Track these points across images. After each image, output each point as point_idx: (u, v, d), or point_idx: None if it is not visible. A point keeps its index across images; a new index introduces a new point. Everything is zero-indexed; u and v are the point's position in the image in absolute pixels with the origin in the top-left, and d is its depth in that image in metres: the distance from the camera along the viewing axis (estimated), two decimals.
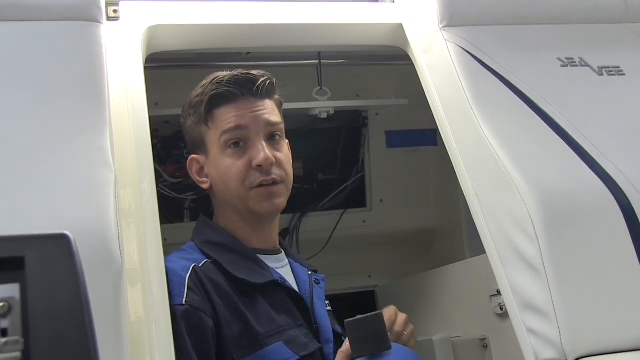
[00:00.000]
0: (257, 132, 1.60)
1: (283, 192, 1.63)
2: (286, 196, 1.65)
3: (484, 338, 2.22)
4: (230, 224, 1.66)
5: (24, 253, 0.71)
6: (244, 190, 1.59)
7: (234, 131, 1.59)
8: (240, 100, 1.61)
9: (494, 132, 1.56)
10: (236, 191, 1.60)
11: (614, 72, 1.75)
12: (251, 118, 1.60)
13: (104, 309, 1.13)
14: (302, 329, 1.56)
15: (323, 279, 1.74)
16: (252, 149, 1.59)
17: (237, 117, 1.60)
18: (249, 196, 1.59)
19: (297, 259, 1.76)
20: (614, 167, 1.50)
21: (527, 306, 1.38)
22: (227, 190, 1.62)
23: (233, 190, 1.60)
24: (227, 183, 1.61)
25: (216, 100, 1.61)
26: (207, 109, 1.62)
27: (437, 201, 2.92)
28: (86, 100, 1.43)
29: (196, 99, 1.65)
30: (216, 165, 1.63)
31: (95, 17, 1.56)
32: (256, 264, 1.60)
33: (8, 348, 0.67)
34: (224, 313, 1.46)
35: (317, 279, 1.72)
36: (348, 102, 2.65)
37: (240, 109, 1.61)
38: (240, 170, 1.59)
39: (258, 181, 1.58)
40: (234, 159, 1.60)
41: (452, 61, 1.70)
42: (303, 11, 1.90)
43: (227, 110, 1.61)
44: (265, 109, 1.63)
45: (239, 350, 1.46)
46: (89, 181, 1.29)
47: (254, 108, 1.62)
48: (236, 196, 1.60)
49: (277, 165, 1.61)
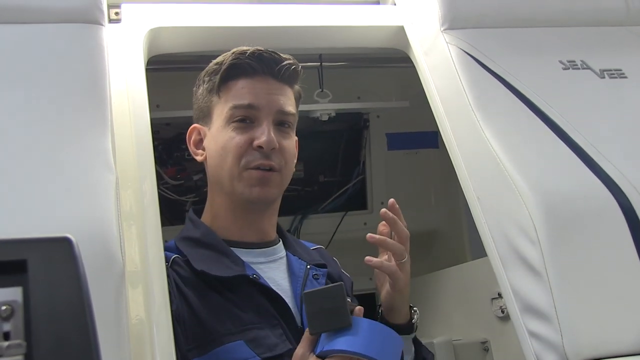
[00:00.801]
0: (267, 115, 1.51)
1: (278, 182, 1.52)
2: (280, 188, 1.55)
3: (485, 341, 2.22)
4: (214, 209, 1.57)
5: (26, 256, 0.71)
6: (238, 169, 1.49)
7: (245, 108, 1.50)
8: (259, 77, 1.53)
9: (495, 135, 1.56)
10: (230, 168, 1.49)
11: (616, 75, 1.75)
12: (265, 99, 1.51)
13: (106, 312, 1.13)
14: (275, 329, 1.43)
15: (324, 274, 1.60)
16: (258, 128, 1.50)
17: (252, 95, 1.51)
18: (241, 176, 1.49)
19: (298, 251, 1.63)
20: (616, 170, 1.50)
21: (529, 309, 1.38)
22: (220, 166, 1.52)
23: (227, 166, 1.50)
24: (222, 157, 1.50)
25: (233, 71, 1.53)
26: (222, 77, 1.53)
27: (438, 204, 2.92)
28: (87, 102, 1.43)
29: (214, 66, 1.57)
30: (216, 138, 1.53)
31: (97, 19, 1.56)
32: (227, 257, 1.49)
33: (10, 351, 0.67)
34: (180, 311, 1.39)
35: (317, 273, 1.59)
36: (349, 105, 2.65)
37: (256, 87, 1.52)
38: (239, 146, 1.49)
39: (255, 163, 1.48)
40: (237, 133, 1.50)
41: (453, 63, 1.71)
42: (304, 13, 1.90)
43: (243, 84, 1.52)
44: (282, 95, 1.54)
45: (194, 349, 1.37)
46: (90, 183, 1.29)
47: (271, 89, 1.53)
48: (228, 174, 1.50)
49: (279, 152, 1.51)
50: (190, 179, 2.61)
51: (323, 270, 1.61)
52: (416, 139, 2.88)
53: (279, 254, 1.59)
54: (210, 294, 1.43)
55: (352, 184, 2.82)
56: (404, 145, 2.89)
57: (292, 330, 1.46)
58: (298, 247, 1.66)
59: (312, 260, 1.62)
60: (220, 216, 1.56)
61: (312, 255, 1.66)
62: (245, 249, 1.54)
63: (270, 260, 1.57)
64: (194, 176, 2.61)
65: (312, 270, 1.59)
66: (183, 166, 2.62)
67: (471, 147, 1.61)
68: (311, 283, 1.55)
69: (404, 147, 2.89)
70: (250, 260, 1.52)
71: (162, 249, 1.39)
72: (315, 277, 1.58)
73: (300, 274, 1.56)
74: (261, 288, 1.47)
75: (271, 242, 1.59)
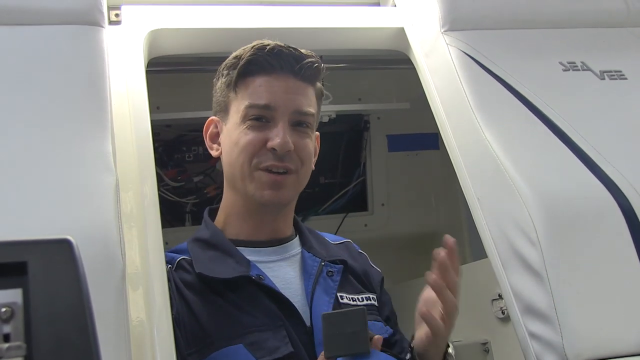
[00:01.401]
0: (284, 114, 1.46)
1: (292, 184, 1.49)
2: (296, 190, 1.52)
3: (485, 342, 2.22)
4: (228, 208, 1.55)
5: (27, 258, 0.71)
6: (249, 168, 1.45)
7: (261, 109, 1.46)
8: (277, 75, 1.48)
9: (495, 136, 1.56)
10: (241, 167, 1.46)
11: (616, 77, 1.75)
12: (283, 99, 1.46)
13: (106, 313, 1.13)
14: (279, 330, 1.39)
15: (339, 270, 1.55)
16: (273, 129, 1.45)
17: (269, 94, 1.46)
18: (252, 176, 1.46)
19: (314, 247, 1.58)
20: (616, 171, 1.50)
21: (529, 310, 1.38)
22: (233, 164, 1.49)
23: (239, 165, 1.47)
24: (236, 154, 1.47)
25: (251, 67, 1.48)
26: (240, 73, 1.49)
27: (438, 205, 2.92)
28: (88, 104, 1.43)
29: (232, 60, 1.52)
30: (231, 134, 1.49)
31: (97, 21, 1.56)
32: (232, 257, 1.46)
33: (11, 353, 0.67)
34: (181, 314, 1.38)
35: (331, 270, 1.54)
36: (350, 106, 2.66)
37: (274, 85, 1.47)
38: (253, 145, 1.45)
39: (267, 163, 1.44)
40: (252, 131, 1.46)
41: (453, 65, 1.71)
42: (305, 15, 1.90)
43: (260, 82, 1.48)
44: (301, 94, 1.49)
45: (194, 353, 1.36)
46: (91, 185, 1.29)
47: (289, 89, 1.48)
48: (239, 173, 1.47)
49: (295, 154, 1.47)
50: (190, 180, 2.61)
51: (338, 266, 1.56)
52: (417, 140, 2.88)
53: (292, 251, 1.56)
54: (212, 297, 1.42)
55: (352, 186, 2.83)
56: (404, 146, 2.89)
57: (299, 331, 1.42)
58: (315, 242, 1.61)
59: (328, 256, 1.57)
60: (233, 214, 1.54)
61: (331, 251, 1.61)
62: (255, 248, 1.51)
63: (283, 258, 1.54)
64: (194, 178, 2.61)
65: (326, 267, 1.54)
66: (183, 168, 2.62)
67: (471, 148, 1.61)
68: (324, 280, 1.52)
69: (405, 149, 2.90)
70: (260, 259, 1.50)
71: (162, 251, 1.39)
72: (330, 274, 1.53)
73: (313, 272, 1.52)
74: (265, 289, 1.44)
75: (285, 240, 1.56)
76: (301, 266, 1.54)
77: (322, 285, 1.51)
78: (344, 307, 1.49)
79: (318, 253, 1.57)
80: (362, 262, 1.66)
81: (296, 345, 1.40)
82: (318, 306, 1.47)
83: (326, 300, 1.49)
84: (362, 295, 1.57)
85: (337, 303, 1.50)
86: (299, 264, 1.54)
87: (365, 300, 1.56)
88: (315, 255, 1.56)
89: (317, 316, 1.44)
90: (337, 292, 1.51)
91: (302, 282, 1.51)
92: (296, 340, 1.41)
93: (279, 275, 1.50)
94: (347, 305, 1.50)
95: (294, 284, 1.51)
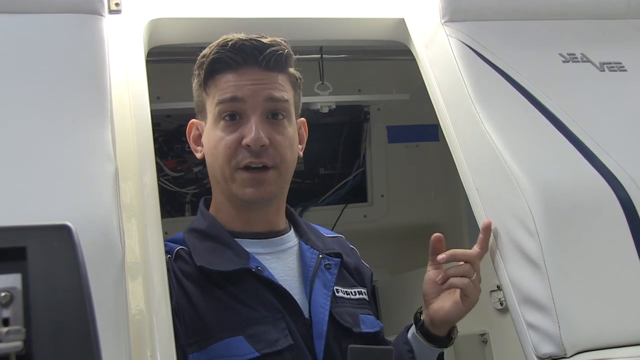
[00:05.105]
0: (254, 107, 1.45)
1: (274, 179, 1.47)
2: (279, 184, 1.49)
3: (483, 333, 2.23)
4: (217, 204, 1.55)
5: (26, 243, 0.71)
6: (229, 170, 1.45)
7: (229, 103, 1.45)
8: (242, 69, 1.47)
9: (495, 128, 1.56)
10: (221, 169, 1.46)
11: (616, 68, 1.75)
12: (249, 90, 1.45)
13: (105, 301, 1.13)
14: (279, 323, 1.40)
15: (337, 264, 1.55)
16: (246, 125, 1.45)
17: (234, 88, 1.45)
18: (233, 177, 1.45)
19: (311, 240, 1.57)
20: (615, 162, 1.50)
21: (527, 301, 1.39)
22: (213, 166, 1.49)
23: (219, 167, 1.47)
24: (215, 157, 1.47)
25: (216, 66, 1.48)
26: (206, 72, 1.49)
27: (438, 196, 2.93)
28: (88, 93, 1.43)
29: (201, 59, 1.52)
30: (209, 136, 1.49)
31: (97, 9, 1.55)
32: (231, 249, 1.46)
33: (10, 337, 0.67)
34: (180, 305, 1.38)
35: (329, 263, 1.54)
36: (349, 97, 2.66)
37: (241, 79, 1.46)
38: (228, 146, 1.44)
39: (245, 161, 1.43)
40: (226, 132, 1.45)
41: (453, 56, 1.71)
42: (305, 5, 1.90)
43: (227, 78, 1.47)
44: (269, 83, 1.47)
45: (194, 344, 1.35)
46: (90, 173, 1.29)
47: (255, 80, 1.46)
48: (221, 174, 1.47)
49: (272, 148, 1.45)
50: (190, 171, 2.62)
51: (336, 260, 1.56)
52: (416, 131, 2.89)
53: (289, 243, 1.55)
54: (212, 289, 1.42)
55: (352, 177, 2.83)
56: (404, 138, 2.89)
57: (298, 323, 1.43)
58: (312, 234, 1.61)
59: (326, 249, 1.57)
60: (223, 210, 1.54)
61: (327, 244, 1.61)
62: (251, 240, 1.51)
63: (279, 251, 1.53)
64: (194, 168, 2.62)
65: (324, 260, 1.54)
66: (183, 158, 2.63)
67: (471, 139, 1.61)
68: (322, 273, 1.52)
69: (405, 140, 2.90)
70: (257, 251, 1.49)
71: (162, 241, 1.39)
72: (327, 267, 1.53)
73: (312, 264, 1.51)
74: (265, 281, 1.44)
75: (280, 232, 1.56)
76: (299, 258, 1.53)
77: (321, 278, 1.51)
78: (339, 300, 1.50)
79: (315, 245, 1.56)
80: (353, 257, 1.67)
81: (295, 337, 1.40)
82: (317, 299, 1.47)
83: (325, 294, 1.49)
84: (355, 289, 1.58)
85: (334, 296, 1.50)
86: (297, 256, 1.54)
87: (358, 295, 1.57)
88: (313, 247, 1.55)
89: (316, 309, 1.45)
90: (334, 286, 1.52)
91: (301, 274, 1.51)
92: (295, 332, 1.41)
93: (277, 268, 1.49)
94: (342, 299, 1.51)
95: (292, 276, 1.50)
